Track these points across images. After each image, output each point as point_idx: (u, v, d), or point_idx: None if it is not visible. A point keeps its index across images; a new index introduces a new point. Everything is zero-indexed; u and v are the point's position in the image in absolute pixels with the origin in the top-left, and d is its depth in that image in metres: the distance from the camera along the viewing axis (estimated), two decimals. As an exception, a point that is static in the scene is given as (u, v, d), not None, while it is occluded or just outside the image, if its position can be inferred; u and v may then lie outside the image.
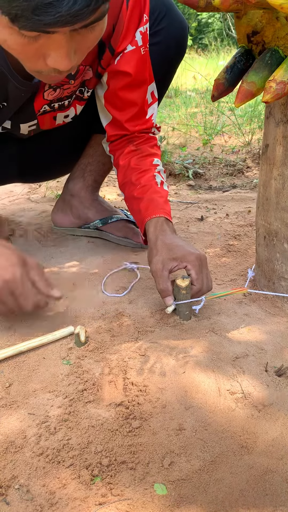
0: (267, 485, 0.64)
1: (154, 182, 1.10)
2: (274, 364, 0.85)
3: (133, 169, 1.13)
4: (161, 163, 1.17)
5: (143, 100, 1.12)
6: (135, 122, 1.14)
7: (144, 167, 1.13)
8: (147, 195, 1.08)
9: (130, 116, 1.13)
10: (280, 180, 0.96)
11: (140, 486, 0.63)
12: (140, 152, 1.15)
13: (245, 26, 0.88)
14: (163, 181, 1.13)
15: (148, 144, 1.16)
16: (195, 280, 0.95)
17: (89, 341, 0.90)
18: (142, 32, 1.03)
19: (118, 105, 1.12)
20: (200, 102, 3.84)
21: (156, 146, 1.18)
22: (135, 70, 1.06)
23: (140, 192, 1.09)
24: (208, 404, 0.76)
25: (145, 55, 1.06)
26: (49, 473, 0.65)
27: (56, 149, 1.31)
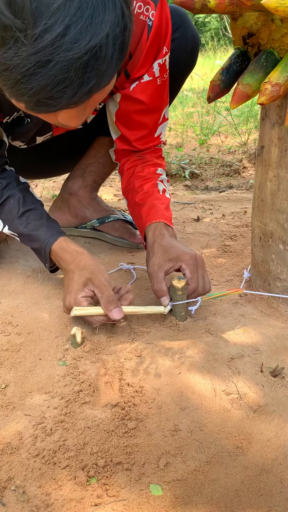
0: (262, 486, 0.64)
1: (156, 190, 1.13)
2: (270, 364, 0.86)
3: (137, 176, 1.16)
4: (164, 173, 1.20)
5: (154, 123, 1.16)
6: (144, 141, 1.18)
7: (147, 175, 1.16)
8: (149, 201, 1.10)
9: (140, 136, 1.17)
10: (276, 181, 0.97)
11: (135, 487, 0.64)
12: (145, 161, 1.18)
13: (241, 28, 0.88)
14: (165, 189, 1.16)
15: (153, 155, 1.20)
16: (189, 279, 0.96)
17: (85, 342, 0.90)
18: (160, 64, 1.06)
19: (129, 125, 1.15)
20: (196, 102, 3.84)
21: (161, 157, 1.22)
22: (150, 100, 1.09)
23: (142, 198, 1.12)
24: (203, 404, 0.76)
25: (162, 84, 1.09)
26: (45, 474, 0.65)
27: (60, 148, 1.31)
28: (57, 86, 0.63)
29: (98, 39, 0.62)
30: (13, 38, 0.60)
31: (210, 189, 2.02)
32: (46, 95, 0.64)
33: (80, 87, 0.64)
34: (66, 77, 0.62)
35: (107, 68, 0.65)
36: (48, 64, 0.61)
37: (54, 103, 0.65)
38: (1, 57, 0.62)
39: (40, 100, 0.65)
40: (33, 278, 1.17)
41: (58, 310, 1.03)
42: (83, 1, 0.61)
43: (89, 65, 0.63)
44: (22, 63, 0.61)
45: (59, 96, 0.64)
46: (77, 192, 1.39)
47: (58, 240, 1.01)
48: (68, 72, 0.62)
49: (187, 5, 0.83)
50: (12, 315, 1.01)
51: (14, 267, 1.23)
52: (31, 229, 1.03)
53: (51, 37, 0.60)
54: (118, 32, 0.64)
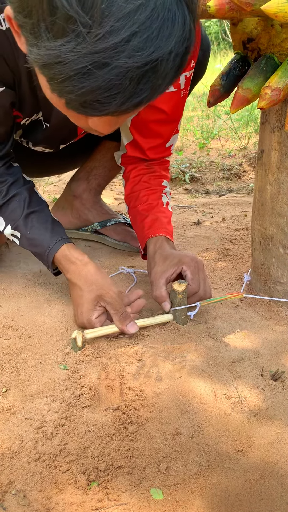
0: (263, 490, 0.64)
1: (160, 202, 1.15)
2: (270, 368, 0.86)
3: (143, 185, 1.17)
4: (168, 186, 1.21)
5: (170, 134, 1.17)
6: (156, 150, 1.19)
7: (153, 186, 1.17)
8: (152, 213, 1.12)
9: (154, 145, 1.17)
10: (276, 185, 0.97)
11: (136, 490, 0.64)
12: (153, 172, 1.19)
13: (241, 33, 0.89)
14: (169, 202, 1.17)
15: (161, 166, 1.21)
16: (191, 280, 0.96)
17: (86, 346, 0.90)
18: (186, 77, 1.06)
19: (144, 133, 1.15)
20: (196, 105, 3.85)
21: (167, 169, 1.23)
22: (172, 110, 1.10)
23: (146, 208, 1.13)
24: (204, 408, 0.76)
25: (184, 97, 1.09)
26: (46, 478, 0.65)
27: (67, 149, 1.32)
28: (109, 91, 0.60)
29: (161, 52, 0.59)
30: (75, 32, 0.56)
31: (210, 192, 2.03)
32: (95, 97, 0.61)
33: (131, 97, 0.61)
34: (120, 84, 0.59)
35: (161, 83, 0.62)
36: (105, 67, 0.58)
37: (101, 108, 0.62)
38: (57, 49, 0.57)
39: (87, 101, 0.61)
40: (34, 282, 1.17)
41: (58, 314, 1.03)
42: (155, 11, 0.57)
43: (145, 76, 0.60)
44: (79, 59, 0.57)
45: (108, 102, 0.61)
46: (81, 195, 1.39)
47: (61, 248, 0.99)
48: (123, 79, 0.59)
49: (187, 10, 0.83)
50: (13, 319, 1.01)
51: (15, 271, 1.23)
52: (35, 233, 1.01)
53: (115, 40, 0.57)
54: (181, 51, 0.61)
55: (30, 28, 0.58)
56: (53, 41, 0.57)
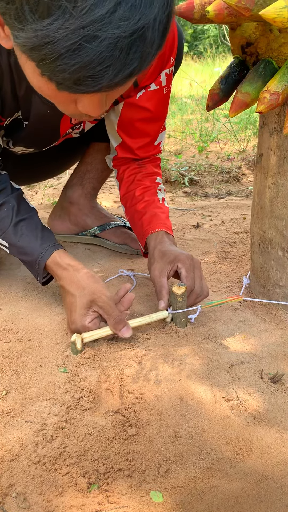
0: (262, 492, 0.64)
1: (156, 199, 1.16)
2: (269, 371, 0.86)
3: (137, 184, 1.18)
4: (162, 182, 1.23)
5: (156, 132, 1.18)
6: (146, 149, 1.20)
7: (147, 184, 1.18)
8: (150, 210, 1.13)
9: (142, 144, 1.19)
10: (274, 188, 0.97)
11: (136, 493, 0.64)
12: (145, 169, 1.20)
13: (239, 37, 0.89)
14: (164, 198, 1.18)
15: (152, 164, 1.22)
16: (185, 278, 0.97)
17: (86, 349, 0.90)
18: (167, 74, 1.07)
19: (131, 133, 1.17)
20: (195, 109, 3.86)
21: (158, 166, 1.24)
22: (156, 108, 1.11)
23: (143, 206, 1.14)
24: (203, 411, 0.77)
25: (167, 94, 1.11)
26: (46, 481, 0.65)
27: (53, 154, 1.32)
28: (101, 64, 0.59)
29: (146, 20, 0.59)
30: (61, 9, 0.56)
31: (209, 195, 2.03)
32: (87, 73, 0.60)
33: (123, 68, 0.61)
34: (111, 55, 0.59)
35: (149, 52, 0.63)
36: (95, 40, 0.57)
37: (94, 83, 0.61)
38: (45, 29, 0.57)
39: (80, 78, 0.61)
40: (34, 285, 1.18)
41: (58, 317, 1.03)
42: None
43: (134, 45, 0.60)
44: (68, 36, 0.57)
45: (101, 75, 0.61)
46: (78, 201, 1.39)
47: (52, 255, 0.98)
48: (113, 50, 0.59)
49: (187, 15, 0.84)
50: (12, 322, 1.01)
51: (15, 274, 1.24)
52: (25, 241, 1.00)
53: (102, 12, 0.56)
54: (164, 17, 0.62)
55: (14, 14, 0.58)
56: (40, 21, 0.57)
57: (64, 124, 1.08)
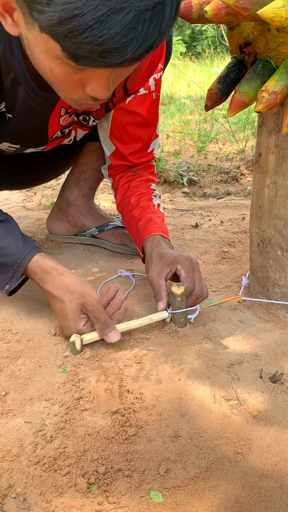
0: (262, 491, 0.64)
1: (152, 204, 1.17)
2: (269, 370, 0.86)
3: (132, 191, 1.19)
4: (157, 189, 1.24)
5: (149, 137, 1.19)
6: (139, 155, 1.21)
7: (142, 190, 1.19)
8: (145, 215, 1.13)
9: (135, 150, 1.20)
10: (273, 188, 0.98)
11: (136, 493, 0.64)
12: (139, 177, 1.22)
13: (237, 37, 0.89)
14: (160, 204, 1.19)
15: (147, 171, 1.23)
16: (185, 279, 0.97)
17: (85, 349, 0.90)
18: (155, 79, 1.08)
19: (123, 139, 1.18)
20: (194, 109, 3.86)
21: (153, 173, 1.25)
22: (147, 113, 1.12)
23: (139, 212, 1.15)
24: (203, 411, 0.77)
25: (156, 99, 1.11)
26: (45, 482, 0.65)
27: (45, 156, 1.32)
28: (126, 36, 0.62)
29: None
30: None
31: (208, 195, 2.03)
32: (114, 44, 0.62)
33: (144, 41, 0.64)
34: (135, 28, 0.62)
35: (166, 26, 0.65)
36: (121, 12, 0.60)
37: (119, 55, 0.64)
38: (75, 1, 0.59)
39: (107, 50, 0.63)
40: (33, 286, 1.17)
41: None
42: None
43: (154, 19, 0.63)
44: (97, 8, 0.59)
45: (125, 48, 0.63)
46: (75, 202, 1.39)
47: (35, 258, 0.94)
48: (137, 23, 0.61)
49: (185, 15, 0.84)
50: (11, 322, 1.01)
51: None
52: (4, 242, 0.94)
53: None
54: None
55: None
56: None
57: (52, 125, 1.07)
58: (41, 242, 1.42)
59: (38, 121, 1.05)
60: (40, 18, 0.62)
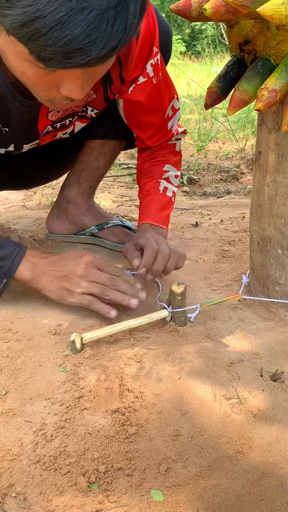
0: (263, 490, 0.64)
1: (156, 189, 1.21)
2: (269, 369, 0.86)
3: (144, 173, 1.26)
4: (173, 169, 1.26)
5: (161, 120, 1.21)
6: (155, 139, 1.24)
7: (152, 173, 1.24)
8: (146, 200, 1.20)
9: (150, 134, 1.23)
10: (273, 186, 0.97)
11: (136, 492, 0.64)
12: (154, 157, 1.26)
13: (237, 35, 0.89)
14: (167, 188, 1.22)
15: (164, 151, 1.27)
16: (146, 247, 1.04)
17: (85, 348, 0.90)
18: (152, 64, 1.08)
19: (138, 126, 1.22)
20: (194, 108, 3.86)
21: (172, 152, 1.28)
22: (148, 99, 1.13)
23: (142, 195, 1.23)
24: (204, 409, 0.77)
25: (158, 83, 1.12)
26: (46, 481, 0.65)
27: (48, 156, 1.32)
28: (89, 36, 0.62)
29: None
30: None
31: (208, 194, 2.03)
32: (77, 45, 0.62)
33: (109, 40, 0.63)
34: (98, 27, 0.62)
35: (131, 24, 0.65)
36: (83, 12, 0.60)
37: (84, 56, 0.63)
38: (35, 3, 0.59)
39: (70, 51, 0.63)
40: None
41: (58, 316, 1.03)
42: None
43: (118, 17, 0.63)
44: (58, 9, 0.59)
45: (89, 48, 0.63)
46: (75, 200, 1.39)
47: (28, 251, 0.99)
48: (100, 22, 0.61)
49: (184, 13, 0.84)
50: (11, 322, 1.01)
51: (14, 274, 1.23)
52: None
53: None
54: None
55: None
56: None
57: (42, 120, 1.07)
58: (41, 242, 1.42)
59: (29, 123, 1.05)
60: (4, 22, 0.63)
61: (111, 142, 1.33)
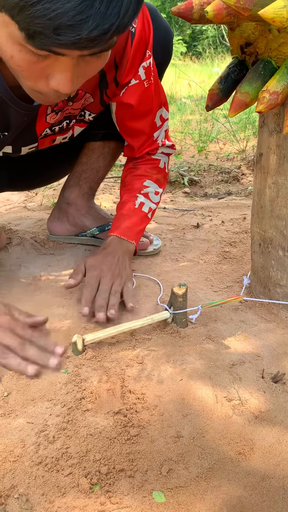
0: (265, 492, 0.64)
1: (132, 203, 1.21)
2: (271, 370, 0.86)
3: (124, 184, 1.25)
4: (154, 185, 1.25)
5: (150, 127, 1.20)
6: (143, 147, 1.24)
7: (131, 186, 1.23)
8: (119, 213, 1.21)
9: (141, 143, 1.22)
10: (275, 188, 0.98)
11: (138, 493, 0.64)
12: (136, 171, 1.25)
13: (238, 37, 0.89)
14: (144, 203, 1.22)
15: (147, 165, 1.25)
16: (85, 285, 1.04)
17: (87, 350, 0.90)
18: (145, 67, 1.08)
19: (128, 133, 1.21)
20: (194, 109, 3.86)
21: (155, 169, 1.26)
22: (138, 102, 1.12)
23: (118, 207, 1.23)
24: (205, 411, 0.77)
25: (149, 87, 1.11)
26: (48, 482, 0.65)
27: (47, 158, 1.32)
28: (81, 13, 0.59)
29: None
30: None
31: (209, 195, 2.03)
32: (68, 20, 0.60)
33: (102, 21, 0.61)
34: (92, 5, 0.59)
35: (126, 11, 0.63)
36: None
37: (74, 34, 0.61)
38: None
39: (61, 26, 0.60)
40: (34, 286, 1.18)
41: (59, 318, 1.03)
42: None
43: None
44: None
45: (80, 26, 0.60)
46: (75, 202, 1.39)
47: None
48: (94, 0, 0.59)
49: (185, 15, 0.84)
50: (13, 323, 1.01)
51: (15, 275, 1.24)
52: None
53: None
54: None
55: None
56: None
57: (40, 123, 1.07)
58: (42, 243, 1.42)
59: (27, 126, 1.06)
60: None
61: (111, 144, 1.33)
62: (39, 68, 0.71)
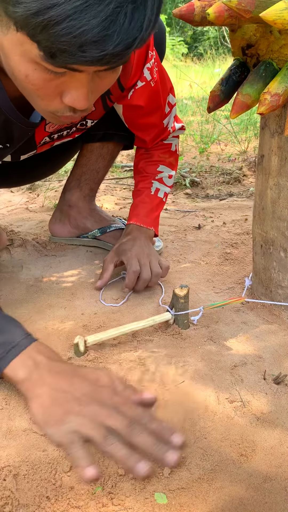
0: (266, 493, 0.64)
1: (148, 190, 1.24)
2: (272, 372, 0.86)
3: (138, 171, 1.28)
4: (167, 169, 1.28)
5: (161, 118, 1.22)
6: (156, 138, 1.26)
7: (146, 173, 1.26)
8: (136, 201, 1.24)
9: (153, 135, 1.24)
10: (276, 189, 0.98)
11: (140, 495, 0.64)
12: (149, 157, 1.28)
13: (240, 39, 0.89)
14: (159, 189, 1.24)
15: (159, 150, 1.28)
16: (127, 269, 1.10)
17: (89, 351, 0.90)
18: (149, 68, 1.09)
19: (140, 128, 1.23)
20: (196, 110, 3.87)
21: (167, 153, 1.29)
22: (148, 102, 1.14)
23: (134, 195, 1.26)
24: (207, 412, 0.77)
25: (156, 85, 1.13)
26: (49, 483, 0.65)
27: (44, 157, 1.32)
28: (106, 29, 0.58)
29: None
30: None
31: (210, 197, 2.03)
32: (93, 37, 0.58)
33: (126, 36, 0.60)
34: (116, 20, 0.58)
35: (148, 23, 0.62)
36: (102, 2, 0.57)
37: (99, 50, 0.60)
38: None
39: (86, 43, 0.59)
40: (36, 287, 1.18)
41: (61, 319, 1.03)
42: None
43: (135, 12, 0.60)
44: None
45: (105, 41, 0.59)
46: (77, 204, 1.40)
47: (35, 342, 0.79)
48: (119, 14, 0.58)
49: (187, 17, 0.84)
50: (15, 325, 1.01)
51: (17, 276, 1.24)
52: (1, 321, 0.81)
53: None
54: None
55: None
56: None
57: (39, 132, 1.06)
58: (44, 244, 1.42)
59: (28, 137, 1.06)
60: (16, 11, 0.59)
61: (110, 144, 1.33)
62: (53, 85, 0.69)
